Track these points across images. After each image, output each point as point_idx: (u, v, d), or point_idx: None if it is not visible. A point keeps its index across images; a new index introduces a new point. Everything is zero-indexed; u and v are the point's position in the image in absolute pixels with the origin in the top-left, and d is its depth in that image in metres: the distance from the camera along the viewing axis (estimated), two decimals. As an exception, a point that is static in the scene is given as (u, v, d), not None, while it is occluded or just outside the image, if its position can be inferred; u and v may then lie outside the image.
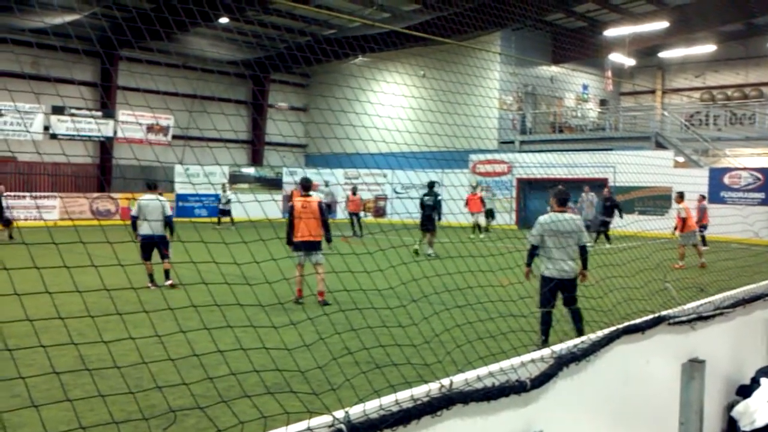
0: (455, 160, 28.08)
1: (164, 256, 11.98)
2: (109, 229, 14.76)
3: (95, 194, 31.24)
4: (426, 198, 18.06)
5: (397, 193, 33.48)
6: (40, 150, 27.48)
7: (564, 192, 8.16)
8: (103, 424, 4.64)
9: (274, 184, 34.15)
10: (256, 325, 7.76)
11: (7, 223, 21.07)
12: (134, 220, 12.09)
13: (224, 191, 28.42)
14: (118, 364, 6.01)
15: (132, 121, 31.60)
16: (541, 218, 7.98)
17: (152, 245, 11.97)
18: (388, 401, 2.73)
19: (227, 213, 27.92)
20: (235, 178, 33.82)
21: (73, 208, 28.93)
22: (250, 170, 35.76)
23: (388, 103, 28.08)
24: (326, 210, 11.16)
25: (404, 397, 2.77)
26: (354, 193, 25.95)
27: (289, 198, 24.34)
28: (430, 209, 17.79)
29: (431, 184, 18.48)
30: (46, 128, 28.93)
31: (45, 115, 28.88)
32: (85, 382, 5.91)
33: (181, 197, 31.43)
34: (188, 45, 31.87)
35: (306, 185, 10.97)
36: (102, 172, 31.95)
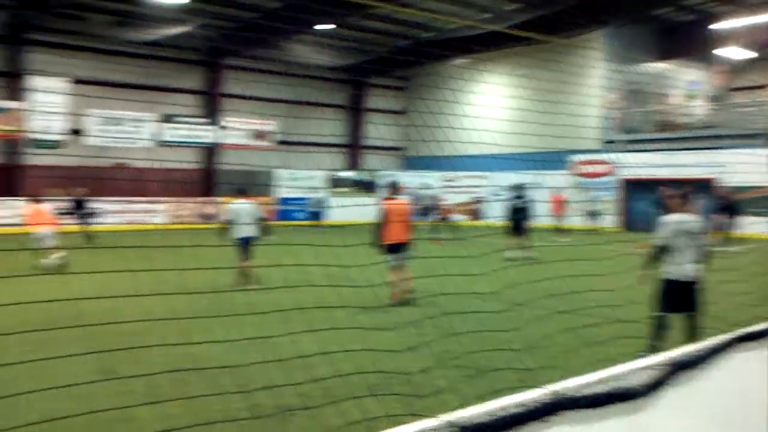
0: (554, 161, 27.53)
1: (249, 257, 12.46)
2: (214, 233, 15.27)
3: (201, 198, 32.44)
4: (516, 201, 17.73)
5: (497, 195, 33.12)
6: (150, 156, 28.77)
7: (689, 193, 7.89)
8: (211, 423, 4.79)
9: (372, 187, 34.45)
10: (355, 326, 7.83)
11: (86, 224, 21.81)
12: (228, 222, 12.63)
13: (314, 194, 29.32)
14: (222, 363, 6.17)
15: (236, 127, 32.63)
16: (668, 218, 7.66)
17: (244, 246, 12.46)
18: (494, 406, 2.68)
19: (317, 216, 28.59)
20: (333, 182, 34.36)
21: (181, 212, 30.11)
22: (348, 174, 36.24)
23: (487, 104, 27.82)
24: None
25: (511, 402, 2.72)
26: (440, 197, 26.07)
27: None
28: (521, 212, 17.48)
29: (520, 187, 18.13)
30: (156, 136, 30.27)
31: (155, 123, 30.22)
32: (193, 379, 6.11)
33: (283, 201, 32.16)
34: (290, 52, 32.62)
35: (394, 188, 11.16)
36: (207, 177, 33.13)
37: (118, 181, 29.19)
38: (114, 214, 28.68)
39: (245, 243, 12.41)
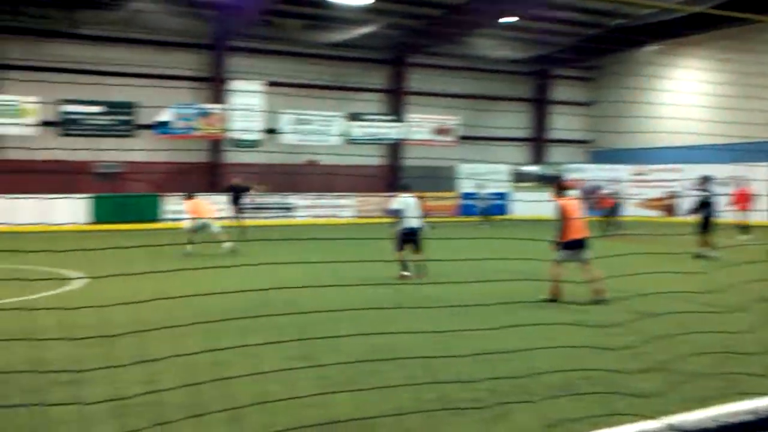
0: (759, 151, 25.30)
1: (418, 249, 12.89)
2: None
3: (385, 194, 33.21)
4: (704, 195, 16.41)
5: (687, 189, 30.96)
6: (338, 153, 29.94)
7: None
8: (395, 415, 4.83)
9: (557, 181, 33.49)
10: (556, 323, 7.61)
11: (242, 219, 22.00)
12: (396, 213, 13.20)
13: (482, 190, 29.02)
14: (409, 354, 6.22)
15: (420, 124, 33.11)
16: None
17: (411, 238, 12.93)
18: (721, 411, 2.44)
19: (488, 212, 28.34)
20: (516, 177, 33.83)
21: (366, 207, 31.00)
22: (532, 168, 35.53)
23: (684, 92, 26.08)
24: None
25: (740, 408, 2.47)
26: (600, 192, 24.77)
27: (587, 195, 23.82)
28: (707, 207, 16.17)
29: (706, 179, 16.76)
30: (344, 133, 31.43)
31: (344, 121, 31.39)
32: (386, 368, 6.21)
33: (465, 196, 32.16)
34: (473, 47, 32.55)
35: (562, 184, 11.25)
36: (392, 173, 33.88)
37: (310, 178, 30.62)
38: (306, 209, 30.18)
39: (412, 234, 12.92)
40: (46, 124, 26.27)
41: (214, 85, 30.44)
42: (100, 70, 25.96)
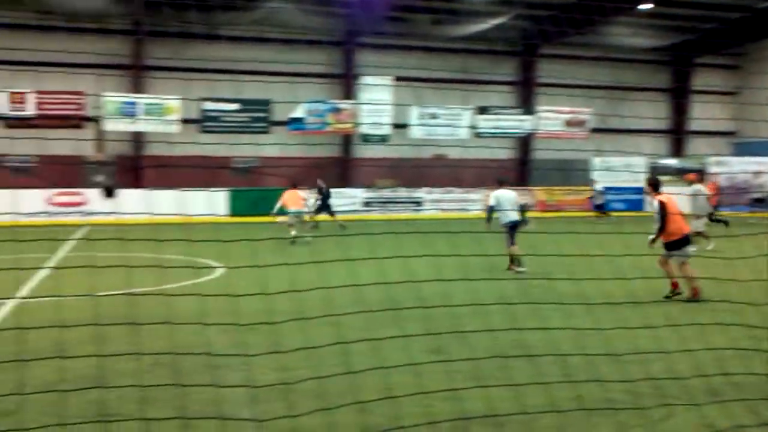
0: None
1: (513, 242, 13.00)
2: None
3: (515, 188, 32.66)
4: None
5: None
6: (466, 147, 29.75)
7: None
8: (526, 413, 4.70)
9: (699, 174, 31.70)
10: (694, 323, 7.19)
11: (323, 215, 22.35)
12: (491, 209, 13.41)
13: (595, 186, 27.78)
14: (551, 351, 6.04)
15: (551, 116, 32.26)
16: None
17: (514, 230, 13.09)
18: None
19: (601, 208, 27.21)
20: (654, 170, 32.28)
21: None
22: (671, 161, 33.85)
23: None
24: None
25: None
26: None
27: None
28: None
29: None
30: (473, 127, 31.15)
31: (471, 115, 31.11)
32: (516, 365, 6.05)
33: (603, 190, 31.04)
34: (606, 36, 31.37)
35: (657, 182, 10.79)
36: (521, 166, 33.28)
37: (437, 172, 30.57)
38: (433, 203, 30.22)
39: (512, 228, 13.06)
40: (187, 121, 27.67)
41: (345, 82, 31.00)
42: (235, 69, 27.08)
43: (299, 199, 19.07)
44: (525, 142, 33.38)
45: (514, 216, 13.11)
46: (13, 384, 5.43)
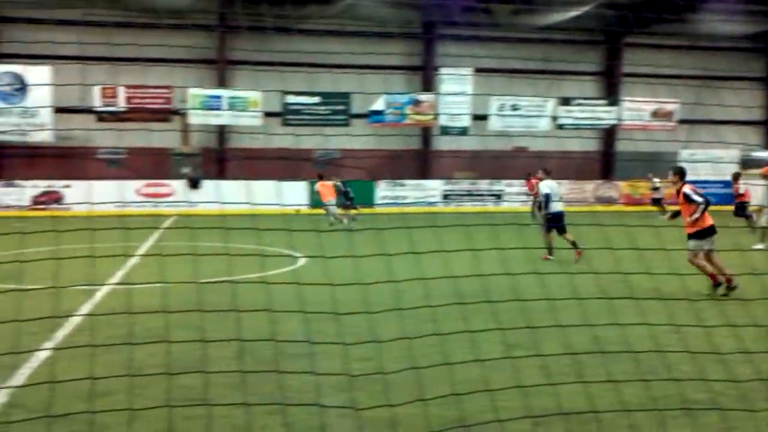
0: None
1: (563, 230, 13.32)
2: (614, 216, 14.99)
3: (599, 181, 31.94)
4: None
5: None
6: (548, 139, 29.21)
7: None
8: (611, 411, 4.56)
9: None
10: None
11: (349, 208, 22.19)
12: (549, 197, 13.71)
13: (652, 179, 26.50)
14: (632, 348, 5.85)
15: (636, 108, 31.34)
16: None
17: (558, 221, 13.38)
18: None
19: (658, 202, 26.11)
20: (745, 163, 30.97)
21: (577, 195, 30.03)
22: (764, 153, 32.37)
23: None
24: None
25: None
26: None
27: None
28: None
29: None
30: (554, 118, 30.59)
31: (554, 106, 30.54)
32: (599, 361, 5.88)
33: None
34: (695, 23, 30.21)
35: (683, 171, 10.69)
36: (605, 158, 32.51)
37: (518, 164, 30.19)
38: (514, 195, 29.87)
39: (558, 217, 13.37)
40: (270, 114, 28.14)
41: (424, 73, 30.92)
42: (316, 62, 27.35)
43: (332, 191, 20.73)
44: (609, 133, 32.56)
45: (560, 206, 13.62)
46: (116, 366, 5.62)
